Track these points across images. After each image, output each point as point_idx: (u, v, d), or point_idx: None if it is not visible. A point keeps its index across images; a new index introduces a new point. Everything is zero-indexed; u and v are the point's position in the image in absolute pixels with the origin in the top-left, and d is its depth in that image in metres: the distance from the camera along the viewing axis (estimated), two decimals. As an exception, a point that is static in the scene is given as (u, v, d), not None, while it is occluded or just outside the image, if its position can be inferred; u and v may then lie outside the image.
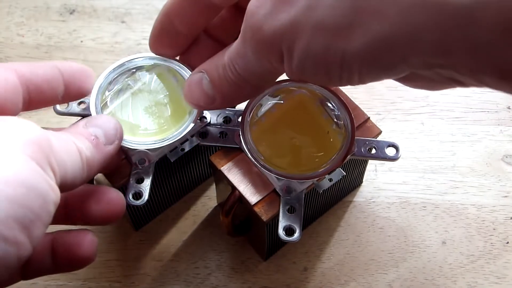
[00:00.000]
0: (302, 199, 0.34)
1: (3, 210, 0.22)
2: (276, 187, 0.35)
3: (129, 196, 0.35)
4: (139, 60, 0.37)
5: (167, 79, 0.37)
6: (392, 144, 0.36)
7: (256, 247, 0.41)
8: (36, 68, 0.30)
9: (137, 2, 0.54)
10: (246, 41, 0.28)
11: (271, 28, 0.26)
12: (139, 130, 0.35)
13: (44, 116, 0.46)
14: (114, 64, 0.37)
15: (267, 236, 0.37)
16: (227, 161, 0.36)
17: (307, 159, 0.35)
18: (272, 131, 0.36)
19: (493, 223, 0.43)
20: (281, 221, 0.34)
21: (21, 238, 0.23)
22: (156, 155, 0.36)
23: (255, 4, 0.27)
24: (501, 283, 0.40)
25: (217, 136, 0.37)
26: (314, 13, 0.25)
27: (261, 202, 0.35)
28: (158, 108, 0.36)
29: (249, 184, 0.35)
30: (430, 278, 0.41)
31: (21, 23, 0.53)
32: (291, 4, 0.26)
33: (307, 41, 0.25)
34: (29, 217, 0.23)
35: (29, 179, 0.24)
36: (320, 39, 0.25)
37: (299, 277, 0.41)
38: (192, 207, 0.44)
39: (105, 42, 0.52)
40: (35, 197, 0.24)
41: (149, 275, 0.41)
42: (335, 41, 0.25)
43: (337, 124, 0.36)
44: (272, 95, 0.36)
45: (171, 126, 0.35)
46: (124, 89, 0.36)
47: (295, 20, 0.25)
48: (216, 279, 0.41)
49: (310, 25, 0.25)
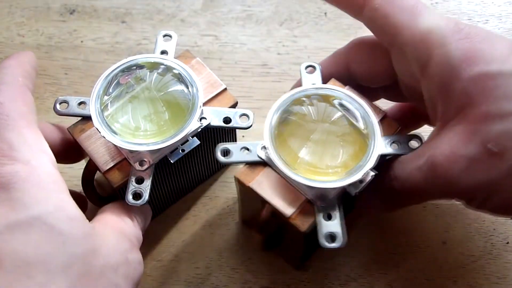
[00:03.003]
0: (336, 204, 0.34)
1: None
2: (309, 196, 0.34)
3: (129, 196, 0.35)
4: (139, 59, 0.37)
5: (167, 77, 0.37)
6: (415, 136, 0.36)
7: (288, 257, 0.41)
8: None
9: (137, 2, 0.54)
10: (433, 186, 0.32)
11: (468, 183, 0.31)
12: (139, 132, 0.35)
13: (44, 116, 0.46)
14: (114, 66, 0.37)
15: (305, 245, 0.37)
16: (254, 176, 0.35)
17: (330, 163, 0.34)
18: (291, 139, 0.35)
19: (493, 223, 0.43)
20: (321, 229, 0.33)
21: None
22: (156, 156, 0.36)
23: (448, 160, 0.31)
24: (501, 283, 0.40)
25: (239, 152, 0.36)
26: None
27: (296, 213, 0.34)
28: (156, 115, 0.36)
29: (281, 197, 0.34)
30: (430, 278, 0.41)
31: (21, 23, 0.53)
32: (488, 168, 0.30)
33: (506, 196, 0.31)
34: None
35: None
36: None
37: (299, 277, 0.41)
38: (192, 207, 0.44)
39: (106, 42, 0.52)
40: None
41: (149, 275, 0.41)
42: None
43: (357, 124, 0.35)
44: (291, 104, 0.36)
45: (171, 128, 0.35)
46: (125, 89, 0.36)
47: (495, 182, 0.30)
48: (217, 279, 0.41)
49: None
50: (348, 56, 0.38)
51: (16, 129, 0.30)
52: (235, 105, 0.39)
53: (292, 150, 0.35)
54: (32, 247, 0.27)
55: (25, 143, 0.29)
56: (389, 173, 0.34)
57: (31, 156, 0.29)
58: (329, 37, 0.52)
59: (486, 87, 0.31)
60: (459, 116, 0.31)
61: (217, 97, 0.39)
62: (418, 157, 0.33)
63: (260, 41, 0.52)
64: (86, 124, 0.37)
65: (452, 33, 0.32)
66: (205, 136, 0.38)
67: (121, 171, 0.36)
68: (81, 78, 0.50)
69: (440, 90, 0.32)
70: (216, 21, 0.53)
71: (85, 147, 0.36)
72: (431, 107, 0.34)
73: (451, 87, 0.32)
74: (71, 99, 0.37)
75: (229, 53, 0.51)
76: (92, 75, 0.50)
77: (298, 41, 0.52)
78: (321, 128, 0.35)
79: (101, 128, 0.35)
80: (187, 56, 0.40)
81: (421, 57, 0.33)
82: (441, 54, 0.32)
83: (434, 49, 0.32)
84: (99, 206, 0.37)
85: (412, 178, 0.32)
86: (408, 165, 0.33)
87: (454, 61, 0.32)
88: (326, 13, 0.53)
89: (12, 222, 0.27)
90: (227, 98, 0.39)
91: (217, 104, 0.38)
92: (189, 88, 0.36)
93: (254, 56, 0.51)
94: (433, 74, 0.33)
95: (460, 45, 0.32)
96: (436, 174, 0.31)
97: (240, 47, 0.51)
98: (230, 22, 0.53)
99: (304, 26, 0.53)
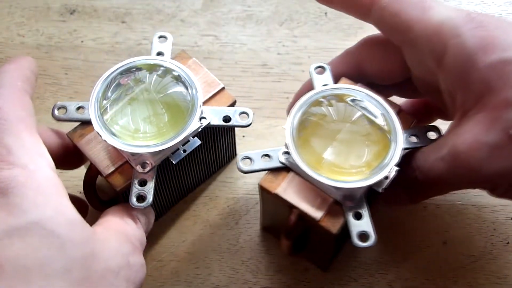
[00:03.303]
0: (363, 203, 0.34)
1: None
2: (337, 197, 0.34)
3: (133, 199, 0.34)
4: (138, 61, 0.37)
5: (166, 79, 0.37)
6: (432, 127, 0.35)
7: (315, 259, 0.41)
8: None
9: (138, 2, 0.54)
10: (456, 175, 0.32)
11: (491, 170, 0.31)
12: (139, 134, 0.35)
13: (44, 116, 0.46)
14: (111, 69, 0.37)
15: (334, 246, 0.37)
16: (279, 182, 0.35)
17: (354, 163, 0.34)
18: (314, 140, 0.35)
19: (493, 223, 0.43)
20: (352, 229, 0.33)
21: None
22: (158, 158, 0.35)
23: (470, 148, 0.31)
24: (501, 283, 0.40)
25: (260, 159, 0.35)
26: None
27: (324, 216, 0.34)
28: (156, 117, 0.36)
29: (308, 201, 0.34)
30: (430, 278, 0.41)
31: (21, 23, 0.53)
32: (511, 155, 0.30)
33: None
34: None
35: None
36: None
37: (299, 277, 0.41)
38: (192, 207, 0.44)
39: (106, 42, 0.52)
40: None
41: (149, 275, 0.41)
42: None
43: (377, 121, 0.35)
44: (309, 106, 0.36)
45: (170, 129, 0.35)
46: (125, 91, 0.36)
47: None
48: (217, 279, 0.41)
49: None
50: (359, 55, 0.39)
51: (15, 133, 0.29)
52: (234, 103, 0.39)
53: (316, 151, 0.34)
54: (31, 252, 0.26)
55: (23, 148, 0.29)
56: (411, 165, 0.34)
57: (30, 160, 0.29)
58: (329, 37, 0.52)
59: (504, 74, 0.31)
60: (479, 104, 0.31)
61: (215, 97, 0.39)
62: (439, 147, 0.33)
63: (260, 41, 0.52)
64: (85, 128, 0.37)
65: (465, 22, 0.32)
66: (205, 136, 0.38)
67: (123, 174, 0.36)
68: (81, 78, 0.50)
69: (458, 81, 0.32)
70: (216, 21, 0.53)
71: (85, 152, 0.36)
72: (449, 99, 0.34)
73: (469, 76, 0.32)
74: (69, 104, 0.37)
75: (229, 53, 0.51)
76: (92, 75, 0.50)
77: (298, 41, 0.52)
78: (346, 128, 0.35)
79: (102, 132, 0.34)
80: (183, 57, 0.40)
81: (435, 49, 0.33)
82: (456, 45, 0.32)
83: (448, 40, 0.32)
84: (101, 210, 0.37)
85: (435, 169, 0.32)
86: (430, 156, 0.33)
87: (470, 50, 0.32)
88: (326, 13, 0.53)
89: (11, 228, 0.27)
90: (225, 97, 0.39)
91: (216, 103, 0.38)
92: (188, 89, 0.36)
93: (254, 56, 0.51)
94: (449, 65, 0.33)
95: (475, 34, 0.32)
96: (458, 163, 0.31)
97: (240, 47, 0.51)
98: (230, 22, 0.53)
99: (304, 26, 0.53)
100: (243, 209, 0.44)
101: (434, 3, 0.34)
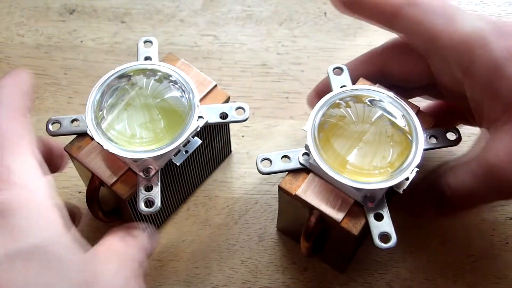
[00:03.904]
0: (384, 204, 0.34)
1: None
2: (358, 199, 0.34)
3: (141, 205, 0.34)
4: (133, 66, 0.37)
5: (163, 84, 0.37)
6: (451, 128, 0.35)
7: (332, 260, 0.41)
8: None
9: (137, 2, 0.54)
10: (489, 188, 0.32)
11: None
12: (135, 139, 0.35)
13: (44, 116, 0.46)
14: (104, 77, 0.36)
15: (354, 248, 0.37)
16: (299, 183, 0.35)
17: (378, 164, 0.34)
18: (336, 142, 0.35)
19: (493, 223, 0.42)
20: (374, 230, 0.33)
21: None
22: (161, 161, 0.35)
23: (502, 160, 0.31)
24: (501, 283, 0.40)
25: (280, 161, 0.35)
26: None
27: (345, 217, 0.34)
28: (152, 123, 0.35)
29: (329, 202, 0.34)
30: (430, 278, 0.41)
31: (21, 23, 0.53)
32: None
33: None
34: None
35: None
36: None
37: (299, 277, 0.41)
38: (192, 207, 0.44)
39: (105, 42, 0.52)
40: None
41: (149, 275, 0.41)
42: None
43: (397, 122, 0.35)
44: (329, 107, 0.36)
45: (167, 135, 0.35)
46: (121, 96, 0.36)
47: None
48: (216, 279, 0.41)
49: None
50: (385, 57, 0.39)
51: (14, 151, 0.28)
52: (228, 100, 0.39)
53: (339, 153, 0.34)
54: (32, 276, 0.26)
55: (22, 167, 0.28)
56: (441, 181, 0.34)
57: (30, 180, 0.28)
58: (329, 37, 0.52)
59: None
60: (507, 114, 0.31)
61: (209, 95, 0.39)
62: (469, 161, 0.33)
63: (260, 41, 0.52)
64: (82, 140, 0.37)
65: (491, 32, 0.32)
66: (202, 135, 0.39)
67: (127, 182, 0.35)
68: (80, 78, 0.50)
69: (486, 90, 0.32)
70: (215, 21, 0.53)
71: (86, 164, 0.36)
72: (476, 107, 0.34)
73: (497, 86, 0.32)
74: (63, 119, 0.37)
75: (229, 53, 0.51)
76: (92, 75, 0.50)
77: (297, 41, 0.52)
78: (371, 129, 0.35)
79: (103, 142, 0.34)
80: (171, 59, 0.40)
81: (463, 59, 0.33)
82: (484, 54, 0.32)
83: (476, 50, 0.32)
84: (105, 221, 0.37)
85: (467, 183, 0.32)
86: (461, 171, 0.33)
87: (498, 60, 0.32)
88: (326, 13, 0.53)
89: (12, 251, 0.26)
90: (219, 94, 0.39)
91: (211, 101, 0.39)
92: (183, 91, 0.36)
93: (254, 56, 0.51)
94: (477, 75, 0.33)
95: (502, 43, 0.32)
96: (491, 175, 0.31)
97: (239, 47, 0.51)
98: (230, 22, 0.53)
99: (304, 26, 0.53)
100: (242, 209, 0.44)
101: (457, 10, 0.34)
